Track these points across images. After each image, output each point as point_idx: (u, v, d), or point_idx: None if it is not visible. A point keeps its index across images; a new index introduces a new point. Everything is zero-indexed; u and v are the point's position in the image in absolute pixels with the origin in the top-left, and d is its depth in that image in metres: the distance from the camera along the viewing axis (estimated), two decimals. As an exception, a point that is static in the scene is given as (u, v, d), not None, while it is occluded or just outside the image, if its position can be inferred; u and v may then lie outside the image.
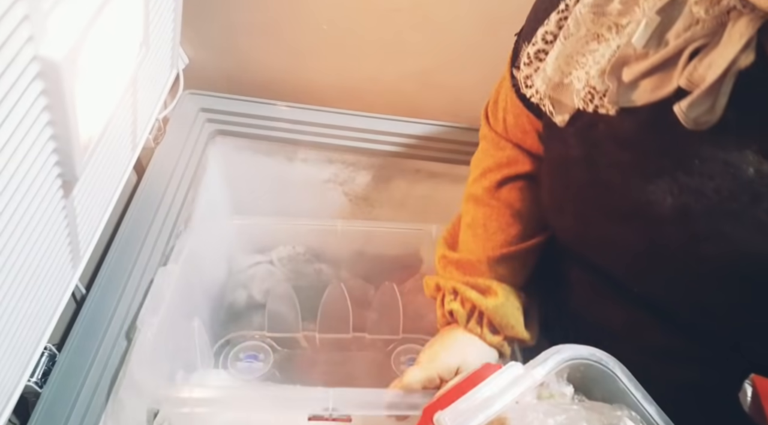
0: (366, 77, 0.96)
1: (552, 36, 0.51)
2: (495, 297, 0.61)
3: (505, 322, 0.60)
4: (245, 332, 0.93)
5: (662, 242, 0.48)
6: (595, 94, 0.47)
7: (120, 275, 0.74)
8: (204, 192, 0.94)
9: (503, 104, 0.63)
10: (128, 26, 0.58)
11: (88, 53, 0.47)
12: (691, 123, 0.40)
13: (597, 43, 0.47)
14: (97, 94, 0.54)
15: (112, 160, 0.64)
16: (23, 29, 0.39)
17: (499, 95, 0.64)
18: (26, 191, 0.45)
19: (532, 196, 0.64)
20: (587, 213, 0.54)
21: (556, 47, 0.49)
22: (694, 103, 0.39)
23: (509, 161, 0.64)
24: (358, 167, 1.01)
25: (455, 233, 0.68)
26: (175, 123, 0.92)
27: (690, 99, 0.39)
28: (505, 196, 0.64)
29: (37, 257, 0.51)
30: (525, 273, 0.64)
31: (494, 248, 0.63)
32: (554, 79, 0.50)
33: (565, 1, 0.49)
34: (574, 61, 0.49)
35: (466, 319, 0.62)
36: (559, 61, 0.49)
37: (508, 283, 0.62)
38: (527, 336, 0.62)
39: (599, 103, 0.46)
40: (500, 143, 0.65)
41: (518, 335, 0.61)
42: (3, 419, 0.54)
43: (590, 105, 0.47)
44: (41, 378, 0.63)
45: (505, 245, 0.63)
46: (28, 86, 0.41)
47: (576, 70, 0.49)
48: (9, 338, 0.51)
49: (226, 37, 0.92)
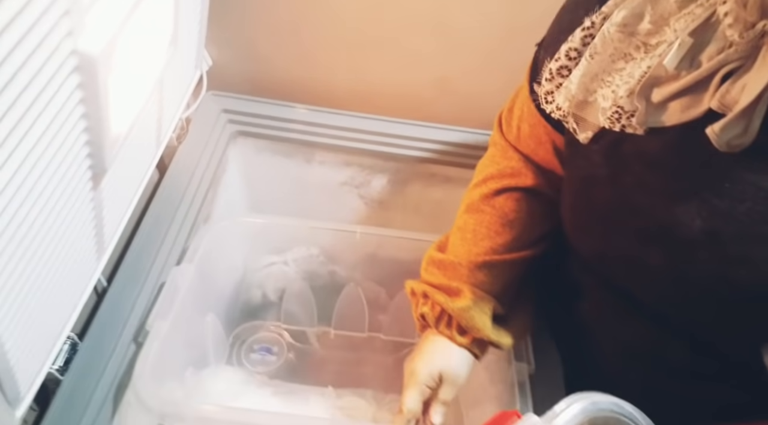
0: (384, 82, 0.98)
1: (576, 53, 0.50)
2: (462, 300, 0.61)
3: (472, 324, 0.60)
4: (260, 322, 0.94)
5: (690, 265, 0.47)
6: (623, 114, 0.46)
7: (140, 269, 0.75)
8: (223, 191, 0.95)
9: (519, 113, 0.63)
10: (159, 25, 0.59)
11: (121, 49, 0.49)
12: (724, 146, 0.40)
13: (624, 62, 0.46)
14: (128, 90, 0.56)
15: (138, 155, 0.66)
16: (63, 24, 0.40)
17: (515, 103, 0.64)
18: (60, 180, 0.47)
19: (527, 208, 0.63)
20: (611, 233, 0.53)
21: (582, 65, 0.49)
22: (728, 126, 0.39)
23: (513, 171, 0.63)
24: (374, 170, 1.02)
25: (448, 237, 0.68)
26: (197, 123, 0.93)
27: (723, 122, 0.39)
28: (500, 204, 0.64)
29: (65, 247, 0.53)
30: (505, 284, 0.63)
31: (478, 254, 0.62)
32: (578, 97, 0.49)
33: (590, 17, 0.48)
34: (600, 79, 0.48)
35: (435, 322, 0.63)
36: (584, 79, 0.49)
37: (485, 290, 0.62)
38: (496, 338, 0.62)
39: (626, 123, 0.46)
40: (508, 152, 0.64)
41: (486, 337, 0.61)
42: (25, 404, 0.56)
43: (617, 124, 0.47)
44: (63, 365, 0.64)
45: (489, 253, 0.62)
46: (65, 80, 0.43)
47: (602, 88, 0.48)
48: (36, 324, 0.52)
49: (249, 40, 0.94)
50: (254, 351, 0.91)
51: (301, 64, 0.97)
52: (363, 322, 0.92)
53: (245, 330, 0.93)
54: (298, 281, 0.95)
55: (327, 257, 0.98)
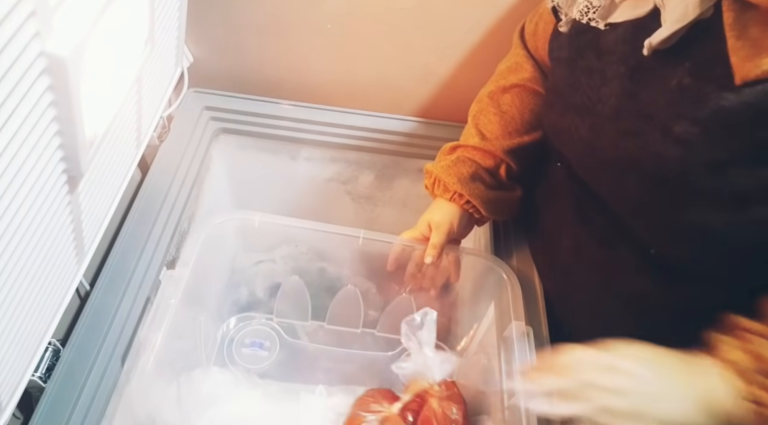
0: (369, 76, 0.97)
1: None
2: (445, 158, 0.77)
3: (445, 179, 0.74)
4: (252, 314, 0.93)
5: (600, 134, 0.59)
6: (590, 9, 0.59)
7: (124, 272, 0.74)
8: (208, 190, 0.94)
9: (538, 18, 0.75)
10: (134, 23, 0.58)
11: (94, 50, 0.48)
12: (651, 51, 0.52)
13: None
14: (103, 91, 0.54)
15: (116, 157, 0.65)
16: (30, 25, 0.39)
17: (540, 15, 0.75)
18: (32, 185, 0.46)
19: (522, 101, 0.77)
20: (562, 107, 0.65)
21: None
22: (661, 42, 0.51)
23: (517, 67, 0.77)
24: (361, 165, 1.01)
25: None
26: (179, 121, 0.92)
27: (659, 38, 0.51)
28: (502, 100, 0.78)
29: (42, 252, 0.52)
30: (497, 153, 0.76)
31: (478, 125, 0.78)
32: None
33: None
34: None
35: (431, 188, 0.78)
36: None
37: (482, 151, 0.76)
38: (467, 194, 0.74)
39: (592, 16, 0.59)
40: (518, 49, 0.79)
41: (452, 188, 0.74)
42: (7, 413, 0.55)
43: (585, 17, 0.59)
44: (45, 373, 0.63)
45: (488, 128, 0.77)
46: (34, 82, 0.42)
47: None
48: (14, 332, 0.51)
49: (231, 35, 0.92)
50: (246, 346, 0.90)
51: (285, 59, 0.95)
52: (358, 319, 0.92)
53: (236, 324, 0.92)
54: (292, 275, 0.94)
55: (315, 254, 0.97)
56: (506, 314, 0.75)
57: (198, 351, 0.84)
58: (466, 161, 0.76)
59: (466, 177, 0.75)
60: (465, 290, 0.89)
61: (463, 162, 0.76)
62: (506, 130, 0.76)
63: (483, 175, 0.76)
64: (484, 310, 0.81)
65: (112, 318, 0.69)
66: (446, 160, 0.77)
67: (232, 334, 0.92)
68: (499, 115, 0.77)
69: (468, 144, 0.77)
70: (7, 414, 0.54)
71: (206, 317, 0.84)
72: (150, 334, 0.67)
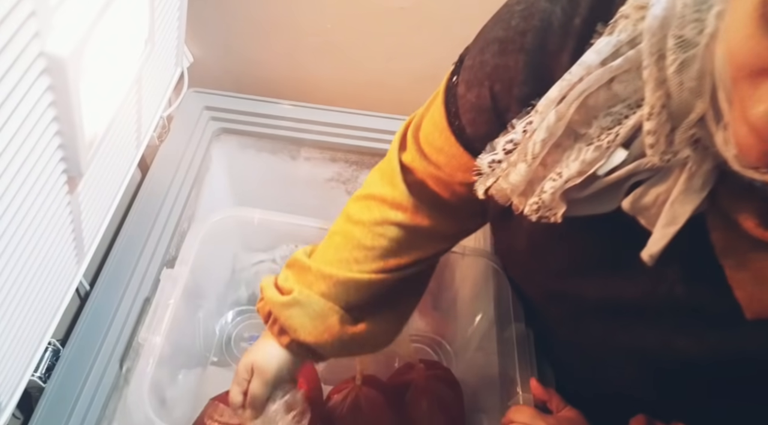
0: (369, 76, 0.97)
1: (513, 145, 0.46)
2: (287, 296, 0.59)
3: (289, 323, 0.58)
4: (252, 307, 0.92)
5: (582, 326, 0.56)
6: (542, 208, 0.46)
7: (124, 271, 0.74)
8: (207, 190, 0.94)
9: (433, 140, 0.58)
10: (133, 23, 0.58)
11: (93, 50, 0.48)
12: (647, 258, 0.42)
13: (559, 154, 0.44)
14: (103, 91, 0.54)
15: (116, 157, 0.65)
16: (30, 25, 0.39)
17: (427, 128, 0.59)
18: (32, 185, 0.46)
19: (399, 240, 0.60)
20: (528, 275, 0.61)
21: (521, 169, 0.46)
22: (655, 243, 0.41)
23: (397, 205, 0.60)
24: (360, 166, 1.01)
25: None
26: (179, 121, 0.92)
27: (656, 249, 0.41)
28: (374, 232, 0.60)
29: (42, 252, 0.52)
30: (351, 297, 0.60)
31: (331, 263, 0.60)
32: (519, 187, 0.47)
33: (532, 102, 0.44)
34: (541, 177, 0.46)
35: (265, 319, 0.61)
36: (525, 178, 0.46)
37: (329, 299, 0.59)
38: (310, 340, 0.59)
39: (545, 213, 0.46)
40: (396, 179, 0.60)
41: (300, 338, 0.58)
42: (7, 413, 0.55)
43: (535, 215, 0.46)
44: (45, 373, 0.63)
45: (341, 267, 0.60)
46: (34, 82, 0.42)
47: None
48: (14, 332, 0.51)
49: (231, 35, 0.93)
50: (245, 340, 0.90)
51: (285, 59, 0.95)
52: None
53: (234, 318, 0.92)
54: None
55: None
56: (506, 314, 0.75)
57: (197, 348, 0.84)
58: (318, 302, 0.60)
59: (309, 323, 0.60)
60: (465, 290, 0.89)
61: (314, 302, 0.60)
62: None
63: None
64: (483, 310, 0.82)
65: (111, 318, 0.69)
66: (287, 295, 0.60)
67: (230, 329, 0.92)
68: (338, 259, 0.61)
69: None
70: (7, 414, 0.54)
71: (205, 315, 0.85)
72: (149, 334, 0.67)
